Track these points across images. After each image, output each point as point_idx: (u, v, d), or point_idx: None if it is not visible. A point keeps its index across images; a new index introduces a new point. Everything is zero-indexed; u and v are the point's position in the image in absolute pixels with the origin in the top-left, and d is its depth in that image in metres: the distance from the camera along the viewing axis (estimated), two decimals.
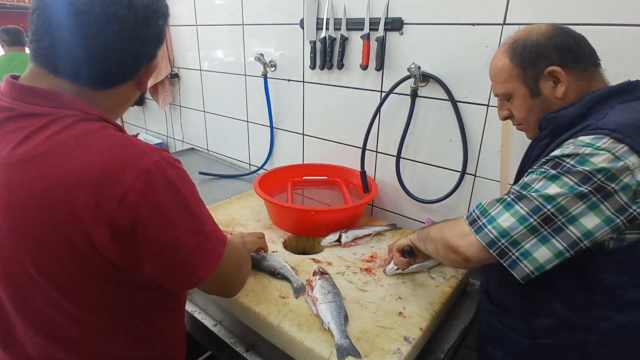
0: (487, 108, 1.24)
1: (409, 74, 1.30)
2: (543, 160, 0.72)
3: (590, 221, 0.66)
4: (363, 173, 1.50)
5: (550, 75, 0.79)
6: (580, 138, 0.68)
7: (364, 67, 1.43)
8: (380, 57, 1.38)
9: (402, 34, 1.33)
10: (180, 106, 2.41)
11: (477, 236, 0.74)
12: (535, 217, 0.68)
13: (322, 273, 1.09)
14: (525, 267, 0.70)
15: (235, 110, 2.07)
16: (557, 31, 0.80)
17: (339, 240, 1.32)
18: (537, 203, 0.68)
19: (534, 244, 0.69)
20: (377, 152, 1.56)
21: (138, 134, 2.80)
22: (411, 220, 1.55)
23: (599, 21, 0.99)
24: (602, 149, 0.65)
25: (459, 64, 1.25)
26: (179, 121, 2.47)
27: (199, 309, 1.18)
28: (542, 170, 0.70)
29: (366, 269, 1.19)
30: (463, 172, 1.33)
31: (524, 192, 0.71)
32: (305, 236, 1.41)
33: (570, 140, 0.70)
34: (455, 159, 1.34)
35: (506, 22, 1.13)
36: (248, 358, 1.02)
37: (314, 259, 1.24)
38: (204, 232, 0.68)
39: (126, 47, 0.65)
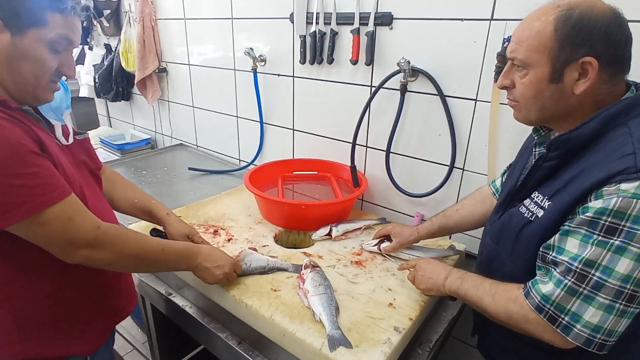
0: (475, 103, 1.25)
1: (398, 68, 1.31)
2: (586, 218, 0.67)
3: None
4: (353, 168, 1.52)
5: (582, 66, 0.70)
6: (623, 187, 0.63)
7: (354, 61, 1.44)
8: (370, 51, 1.39)
9: (391, 28, 1.34)
10: (168, 101, 2.38)
11: (568, 337, 0.70)
12: (619, 301, 0.66)
13: (314, 266, 1.10)
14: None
15: (225, 106, 2.06)
16: (615, 20, 0.69)
17: (329, 234, 1.33)
18: (617, 288, 0.65)
19: (625, 323, 0.68)
20: (367, 146, 1.57)
21: None
22: (401, 214, 1.56)
23: None
24: None
25: (447, 58, 1.26)
26: (167, 116, 2.44)
27: (189, 302, 1.18)
28: (601, 240, 0.66)
29: (356, 262, 1.21)
30: (452, 166, 1.35)
31: (597, 276, 0.66)
32: (296, 230, 1.42)
33: (611, 190, 0.64)
34: (444, 153, 1.36)
35: (494, 18, 1.14)
36: (240, 351, 1.03)
37: (305, 253, 1.25)
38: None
39: None
